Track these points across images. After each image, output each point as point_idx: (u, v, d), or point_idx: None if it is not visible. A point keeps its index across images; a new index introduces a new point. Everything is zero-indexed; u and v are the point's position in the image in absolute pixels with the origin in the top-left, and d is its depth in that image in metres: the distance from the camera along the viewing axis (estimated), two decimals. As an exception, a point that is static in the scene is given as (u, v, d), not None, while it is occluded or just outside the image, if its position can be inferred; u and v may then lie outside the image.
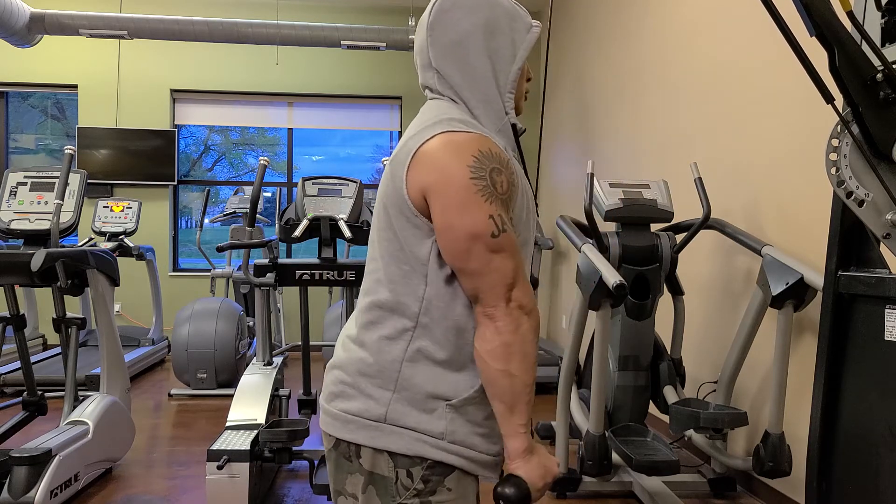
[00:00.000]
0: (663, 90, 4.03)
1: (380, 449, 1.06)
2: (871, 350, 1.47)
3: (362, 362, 1.09)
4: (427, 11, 1.14)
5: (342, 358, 1.13)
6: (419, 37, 1.16)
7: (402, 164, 1.05)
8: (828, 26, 1.31)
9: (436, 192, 1.01)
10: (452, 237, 1.01)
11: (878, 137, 1.38)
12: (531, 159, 6.87)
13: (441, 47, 1.12)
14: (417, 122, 1.12)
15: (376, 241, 1.12)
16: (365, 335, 1.11)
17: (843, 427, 1.54)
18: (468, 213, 1.00)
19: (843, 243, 1.56)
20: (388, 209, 1.08)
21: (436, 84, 1.14)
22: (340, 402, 1.10)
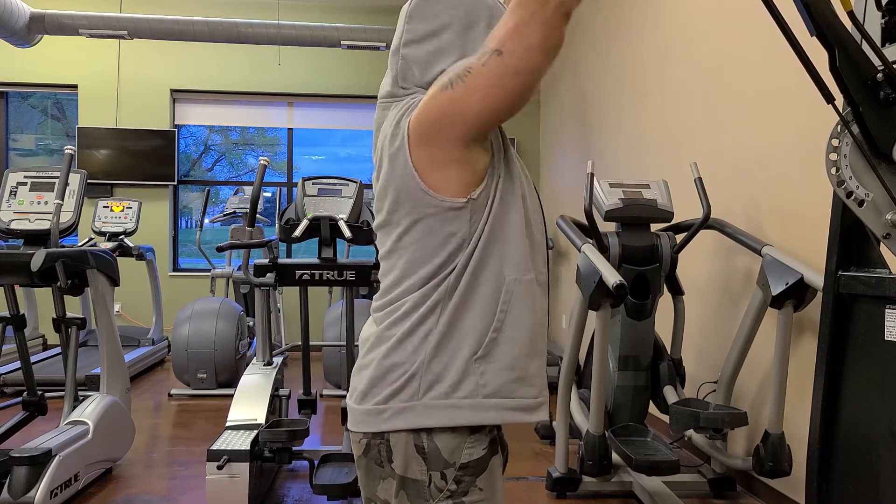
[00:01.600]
0: (663, 90, 4.03)
1: (419, 429, 1.02)
2: (871, 350, 1.47)
3: (390, 352, 1.06)
4: (406, 2, 1.12)
5: (370, 357, 1.10)
6: (398, 28, 1.13)
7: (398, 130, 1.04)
8: (828, 26, 1.31)
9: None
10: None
11: (878, 137, 1.38)
12: (531, 159, 6.88)
13: (413, 35, 1.10)
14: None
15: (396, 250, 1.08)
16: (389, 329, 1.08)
17: (843, 427, 1.54)
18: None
19: (843, 243, 1.56)
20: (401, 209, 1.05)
21: (397, 72, 1.11)
22: (371, 397, 1.06)
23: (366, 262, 3.06)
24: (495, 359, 1.05)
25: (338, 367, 4.55)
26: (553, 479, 2.99)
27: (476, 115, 0.99)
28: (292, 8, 6.62)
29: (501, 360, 1.05)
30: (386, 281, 1.10)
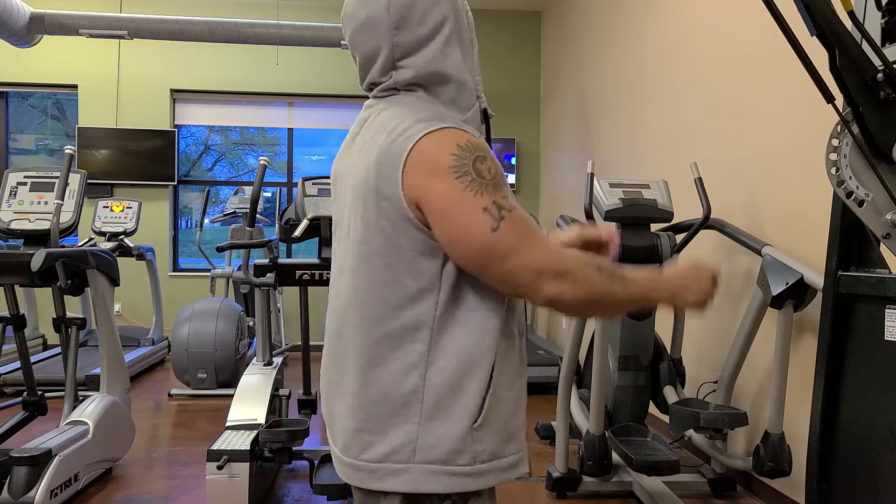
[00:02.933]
0: (663, 90, 4.03)
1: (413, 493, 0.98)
2: (871, 350, 1.47)
3: (376, 401, 1.00)
4: (384, 7, 1.06)
5: (347, 403, 1.04)
6: (375, 30, 1.07)
7: (391, 161, 0.98)
8: (829, 26, 1.31)
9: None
10: (464, 244, 0.96)
11: (878, 137, 1.38)
12: (531, 159, 6.88)
13: (413, 38, 1.07)
14: (390, 116, 1.05)
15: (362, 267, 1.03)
16: (371, 373, 1.01)
17: (843, 427, 1.54)
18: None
19: (843, 243, 1.56)
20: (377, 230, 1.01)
21: (405, 76, 1.08)
22: (358, 449, 1.01)
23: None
24: (490, 423, 1.01)
25: (338, 367, 4.54)
26: (553, 479, 2.99)
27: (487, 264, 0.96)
28: (292, 8, 6.62)
29: (494, 424, 1.02)
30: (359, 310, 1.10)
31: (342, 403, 1.05)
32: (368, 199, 1.00)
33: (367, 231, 1.01)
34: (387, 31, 1.06)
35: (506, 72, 6.86)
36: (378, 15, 1.06)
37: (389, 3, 1.05)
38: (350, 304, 1.05)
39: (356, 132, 1.13)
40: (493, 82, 6.84)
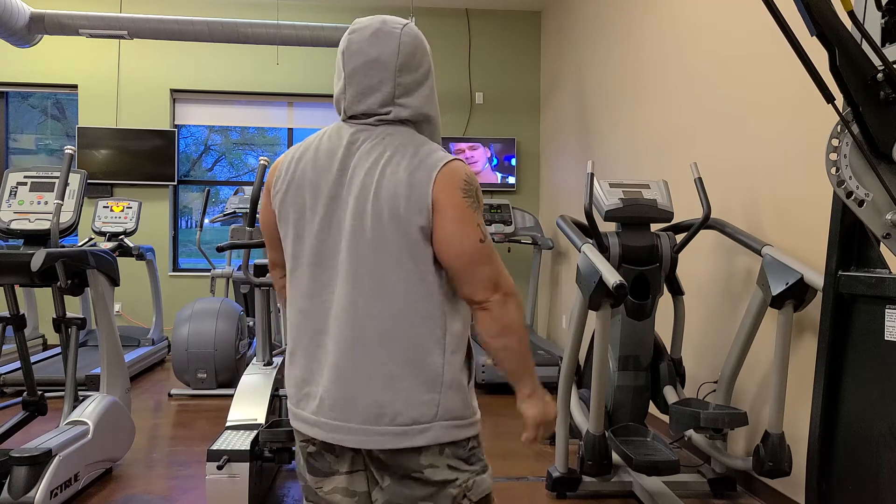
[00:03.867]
0: (663, 90, 4.03)
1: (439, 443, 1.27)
2: (871, 350, 1.47)
3: (409, 378, 1.25)
4: (394, 51, 1.29)
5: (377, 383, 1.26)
6: (383, 69, 1.28)
7: (420, 185, 1.23)
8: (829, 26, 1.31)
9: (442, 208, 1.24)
10: (459, 246, 1.25)
11: (878, 137, 1.38)
12: (531, 159, 6.88)
13: (410, 81, 1.31)
14: (406, 145, 1.27)
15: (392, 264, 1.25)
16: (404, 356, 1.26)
17: (843, 427, 1.54)
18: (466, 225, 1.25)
19: (843, 243, 1.56)
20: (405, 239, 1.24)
21: (400, 114, 1.30)
22: (389, 418, 1.25)
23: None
24: (467, 383, 1.37)
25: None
26: (553, 479, 2.99)
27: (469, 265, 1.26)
28: (292, 8, 6.62)
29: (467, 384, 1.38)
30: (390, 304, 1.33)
31: (367, 384, 1.25)
32: (402, 209, 1.23)
33: (398, 235, 1.24)
34: (392, 72, 1.29)
35: (506, 72, 6.86)
36: (387, 57, 1.28)
37: (399, 49, 1.29)
38: (373, 299, 1.25)
39: (350, 150, 1.29)
40: (493, 82, 6.85)
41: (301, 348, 1.31)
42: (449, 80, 6.80)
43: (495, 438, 3.88)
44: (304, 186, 1.30)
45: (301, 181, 1.30)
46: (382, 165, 1.24)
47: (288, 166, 1.33)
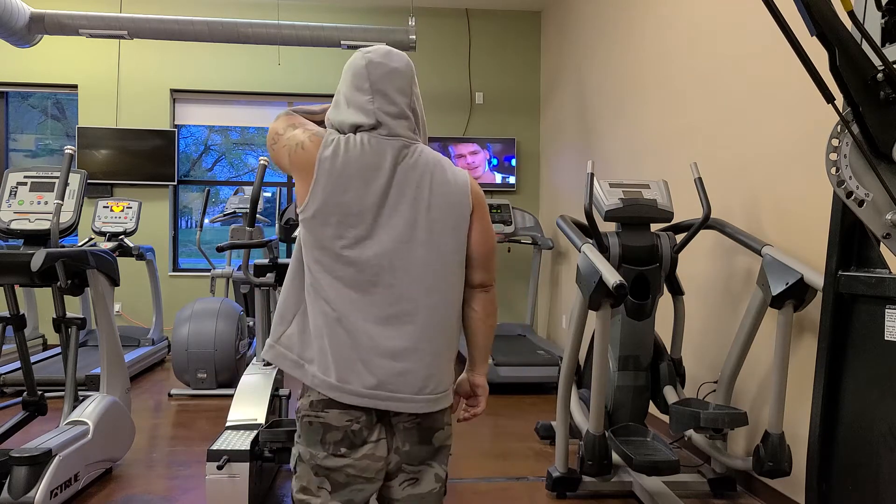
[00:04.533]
0: (663, 90, 4.03)
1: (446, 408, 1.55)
2: (871, 350, 1.47)
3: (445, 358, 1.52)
4: (406, 65, 1.53)
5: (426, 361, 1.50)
6: (404, 78, 1.52)
7: (464, 189, 1.53)
8: (829, 26, 1.31)
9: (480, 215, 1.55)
10: (491, 241, 1.58)
11: (878, 137, 1.38)
12: (531, 159, 6.88)
13: (418, 99, 1.56)
14: (435, 157, 1.53)
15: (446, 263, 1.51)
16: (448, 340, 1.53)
17: (843, 427, 1.54)
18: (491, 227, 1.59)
19: (843, 243, 1.56)
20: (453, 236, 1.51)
21: (414, 123, 1.54)
22: (431, 388, 1.50)
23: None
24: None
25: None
26: (553, 479, 2.99)
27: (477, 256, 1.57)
28: (292, 8, 6.62)
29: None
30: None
31: (422, 361, 1.48)
32: (462, 217, 1.51)
33: (452, 238, 1.50)
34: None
35: (506, 72, 6.86)
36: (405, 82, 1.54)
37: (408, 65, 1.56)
38: (433, 293, 1.48)
39: (393, 155, 1.48)
40: (493, 82, 6.84)
41: (354, 330, 1.44)
42: (449, 80, 6.80)
43: (495, 438, 3.88)
44: (353, 177, 1.45)
45: (350, 171, 1.45)
46: (430, 178, 1.49)
47: (340, 148, 1.46)
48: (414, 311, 1.46)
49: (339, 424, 1.44)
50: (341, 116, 1.52)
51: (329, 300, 1.44)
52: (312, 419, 1.46)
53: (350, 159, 1.44)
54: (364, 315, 1.44)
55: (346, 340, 1.43)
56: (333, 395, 1.43)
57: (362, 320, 1.44)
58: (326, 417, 1.45)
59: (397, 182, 1.46)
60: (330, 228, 1.43)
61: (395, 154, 1.47)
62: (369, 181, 1.44)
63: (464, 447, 3.71)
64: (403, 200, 1.46)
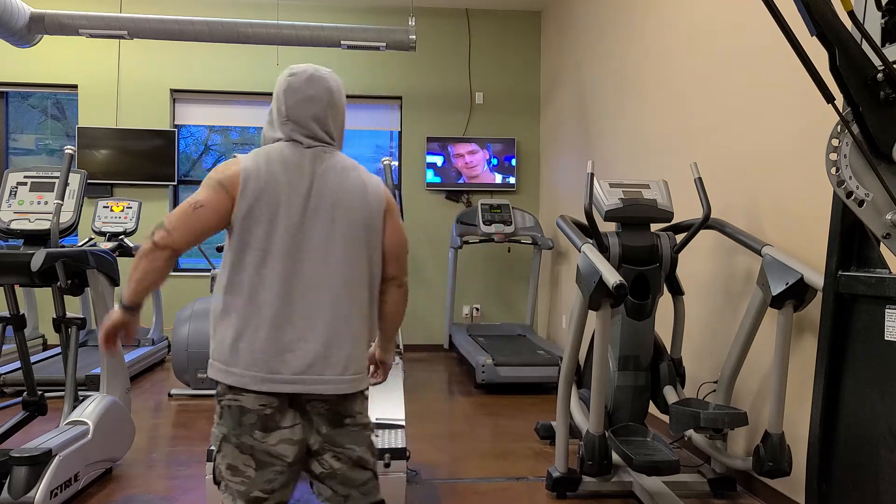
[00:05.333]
0: (663, 90, 4.03)
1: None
2: (871, 350, 1.48)
3: (363, 344, 1.72)
4: (326, 90, 1.70)
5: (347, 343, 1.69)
6: (319, 104, 1.69)
7: (377, 193, 1.73)
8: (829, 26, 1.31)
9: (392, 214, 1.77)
10: (403, 238, 1.79)
11: (878, 137, 1.38)
12: (531, 159, 6.88)
13: (338, 115, 1.75)
14: (350, 165, 1.73)
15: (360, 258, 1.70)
16: (363, 324, 1.72)
17: (843, 427, 1.54)
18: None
19: (843, 243, 1.56)
20: (367, 231, 1.70)
21: (329, 138, 1.72)
22: (353, 370, 1.69)
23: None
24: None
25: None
26: (553, 479, 2.99)
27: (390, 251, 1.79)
28: (292, 8, 6.62)
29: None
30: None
31: (342, 347, 1.65)
32: (373, 220, 1.71)
33: (365, 233, 1.69)
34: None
35: (506, 72, 6.86)
36: (322, 95, 1.71)
37: (330, 89, 1.73)
38: (348, 286, 1.66)
39: (312, 165, 1.67)
40: (493, 82, 6.84)
41: (277, 324, 1.59)
42: (449, 80, 6.80)
43: (495, 438, 3.88)
44: (279, 193, 1.61)
45: (276, 189, 1.61)
46: (346, 182, 1.68)
47: (258, 174, 1.61)
48: (326, 302, 1.62)
49: (254, 408, 1.59)
50: (269, 133, 1.73)
51: (253, 297, 1.59)
52: (231, 402, 1.60)
53: (275, 168, 1.63)
54: (283, 305, 1.60)
55: (265, 332, 1.59)
56: (258, 386, 1.58)
57: (281, 311, 1.59)
58: (242, 401, 1.59)
59: (317, 186, 1.64)
60: (261, 227, 1.59)
61: (313, 160, 1.66)
62: (293, 183, 1.62)
63: (464, 447, 3.71)
64: (323, 203, 1.63)
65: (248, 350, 1.58)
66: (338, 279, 1.63)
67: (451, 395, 4.96)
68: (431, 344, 6.70)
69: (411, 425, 4.11)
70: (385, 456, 2.55)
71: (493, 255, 6.82)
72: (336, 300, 1.63)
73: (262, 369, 1.57)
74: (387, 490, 2.55)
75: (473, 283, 6.79)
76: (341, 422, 1.67)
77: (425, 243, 6.74)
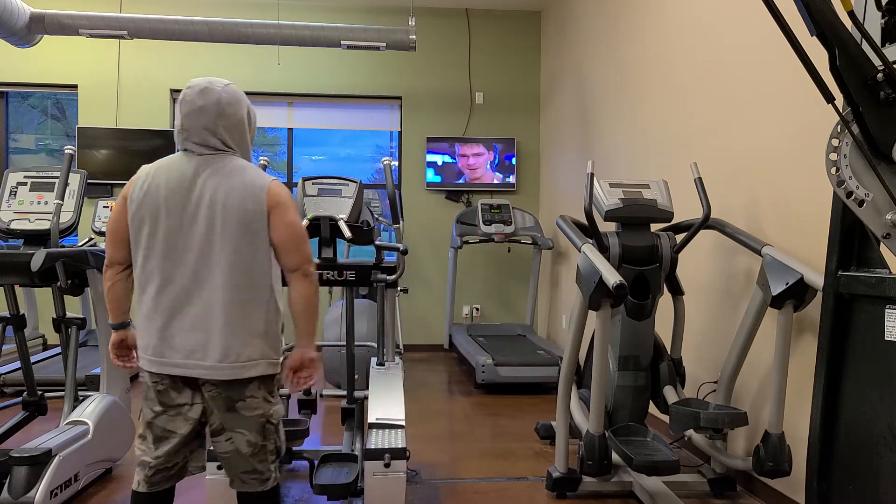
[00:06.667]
0: (664, 90, 4.03)
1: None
2: (871, 350, 1.48)
3: (247, 334, 1.87)
4: (214, 102, 1.84)
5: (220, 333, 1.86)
6: (206, 115, 1.84)
7: (259, 193, 1.84)
8: (829, 26, 1.31)
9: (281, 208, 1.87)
10: (293, 231, 1.88)
11: (878, 137, 1.38)
12: (531, 159, 6.87)
13: (230, 124, 1.88)
14: (238, 168, 1.87)
15: (233, 252, 1.82)
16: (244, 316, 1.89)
17: (843, 427, 1.54)
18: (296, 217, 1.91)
19: (843, 243, 1.56)
20: (249, 230, 1.83)
21: (222, 145, 1.88)
22: (232, 357, 1.87)
23: (366, 262, 3.05)
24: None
25: (338, 366, 4.55)
26: (553, 479, 2.99)
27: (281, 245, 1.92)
28: (292, 8, 6.62)
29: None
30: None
31: (221, 334, 1.82)
32: (248, 217, 1.83)
33: (240, 230, 1.82)
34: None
35: (506, 72, 6.86)
36: (211, 107, 1.86)
37: (218, 101, 1.87)
38: (222, 276, 1.81)
39: (197, 171, 1.85)
40: (494, 82, 6.84)
41: (163, 314, 1.82)
42: (449, 80, 6.80)
43: (495, 438, 3.88)
44: (159, 197, 1.81)
45: (156, 193, 1.82)
46: (226, 184, 1.81)
47: (144, 181, 1.84)
48: (207, 297, 1.80)
49: (151, 384, 1.88)
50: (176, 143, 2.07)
51: (149, 288, 1.83)
52: (143, 379, 1.90)
53: (159, 175, 1.83)
54: (171, 300, 1.82)
55: (160, 321, 1.82)
56: (149, 367, 1.86)
57: (170, 304, 1.82)
58: (146, 378, 1.89)
59: (198, 191, 1.80)
60: (145, 229, 1.81)
61: (198, 167, 1.84)
62: (173, 189, 1.81)
63: (464, 447, 3.71)
64: (202, 205, 1.80)
65: (145, 336, 1.85)
66: (217, 275, 1.80)
67: (451, 395, 4.96)
68: (431, 344, 6.70)
69: (411, 425, 4.11)
70: (385, 456, 2.55)
71: (493, 255, 6.82)
72: (215, 295, 1.80)
73: (154, 353, 1.83)
74: (387, 490, 2.55)
75: (473, 283, 6.79)
76: (233, 406, 1.86)
77: (425, 243, 6.75)
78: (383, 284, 3.15)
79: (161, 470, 1.90)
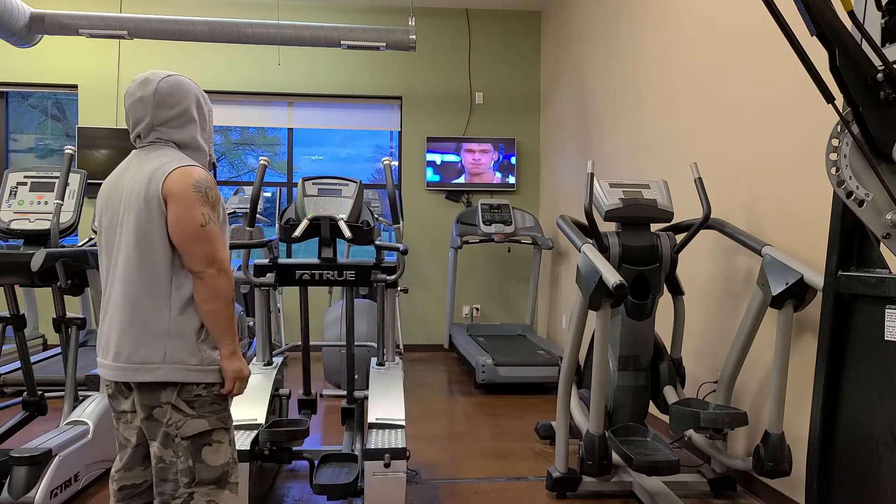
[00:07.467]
0: (663, 90, 4.03)
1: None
2: (871, 350, 1.48)
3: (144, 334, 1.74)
4: (151, 93, 1.78)
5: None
6: (144, 106, 1.79)
7: (159, 179, 1.72)
8: (829, 26, 1.31)
9: (174, 198, 1.71)
10: (180, 227, 1.71)
11: (878, 137, 1.38)
12: (531, 159, 6.88)
13: (170, 115, 1.80)
14: (160, 156, 1.77)
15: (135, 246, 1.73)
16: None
17: (843, 427, 1.54)
18: (192, 210, 1.71)
19: (843, 243, 1.56)
20: (145, 223, 1.72)
21: (159, 136, 1.80)
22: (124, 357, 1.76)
23: (366, 262, 3.05)
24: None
25: (338, 367, 4.55)
26: (553, 479, 2.99)
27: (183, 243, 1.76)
28: (292, 8, 6.62)
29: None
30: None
31: (118, 333, 1.74)
32: (145, 204, 1.72)
33: (140, 223, 1.72)
34: (150, 109, 1.80)
35: (506, 72, 6.86)
36: (147, 98, 1.79)
37: (155, 92, 1.79)
38: (124, 272, 1.73)
39: (128, 165, 1.82)
40: (494, 82, 6.84)
41: (102, 314, 1.80)
42: (449, 80, 6.80)
43: (495, 438, 3.88)
44: (102, 197, 1.82)
45: (102, 194, 1.83)
46: (140, 174, 1.74)
47: (105, 183, 1.85)
48: (115, 296, 1.74)
49: (106, 389, 1.84)
50: None
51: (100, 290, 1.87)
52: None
53: (109, 177, 1.84)
54: (105, 299, 1.80)
55: (103, 321, 1.81)
56: (99, 369, 1.80)
57: (105, 303, 1.80)
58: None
59: (126, 186, 1.76)
60: (101, 229, 1.82)
61: (131, 160, 1.81)
62: (113, 187, 1.80)
63: (464, 447, 3.71)
64: (124, 201, 1.76)
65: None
66: (120, 273, 1.74)
67: (451, 395, 4.96)
68: (431, 344, 6.70)
69: (411, 425, 4.11)
70: (385, 456, 2.55)
71: (493, 255, 6.82)
72: (118, 293, 1.74)
73: (99, 355, 1.81)
74: (387, 490, 2.55)
75: (473, 283, 6.79)
76: (150, 414, 1.74)
77: (425, 243, 6.75)
78: (383, 284, 3.15)
79: (127, 486, 1.82)
